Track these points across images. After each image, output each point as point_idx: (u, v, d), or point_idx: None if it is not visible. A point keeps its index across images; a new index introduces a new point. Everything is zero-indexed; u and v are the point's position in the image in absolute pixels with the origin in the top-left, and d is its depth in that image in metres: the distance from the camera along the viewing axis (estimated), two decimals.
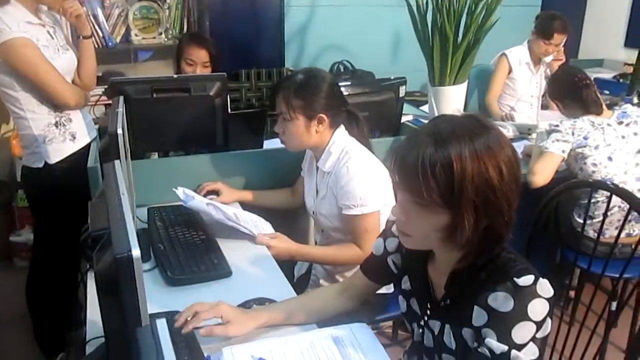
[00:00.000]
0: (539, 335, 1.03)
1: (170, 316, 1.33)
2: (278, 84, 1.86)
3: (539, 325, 1.02)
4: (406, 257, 1.30)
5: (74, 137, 2.27)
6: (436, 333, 1.18)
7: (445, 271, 1.15)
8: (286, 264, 1.82)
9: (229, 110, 2.34)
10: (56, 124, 2.22)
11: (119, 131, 1.39)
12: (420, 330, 1.23)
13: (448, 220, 1.02)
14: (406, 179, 1.04)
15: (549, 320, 1.04)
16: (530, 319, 1.00)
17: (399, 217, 1.10)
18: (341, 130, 1.87)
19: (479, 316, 1.05)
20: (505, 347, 1.01)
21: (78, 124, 2.30)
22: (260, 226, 1.86)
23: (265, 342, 1.27)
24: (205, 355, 1.23)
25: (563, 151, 2.36)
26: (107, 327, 0.83)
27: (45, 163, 2.21)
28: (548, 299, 1.02)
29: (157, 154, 2.23)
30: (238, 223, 1.79)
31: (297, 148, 1.88)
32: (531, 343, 1.02)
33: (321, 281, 1.97)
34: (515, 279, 1.02)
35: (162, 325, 1.04)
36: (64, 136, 2.24)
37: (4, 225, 3.37)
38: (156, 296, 1.48)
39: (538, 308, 1.01)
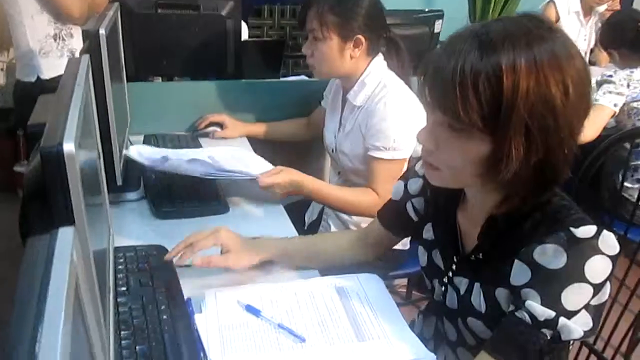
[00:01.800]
0: (594, 302, 0.81)
1: (151, 250, 1.15)
2: None
3: (597, 289, 0.80)
4: (431, 201, 1.08)
5: (73, 55, 2.08)
6: (462, 292, 0.97)
7: (480, 218, 0.93)
8: (297, 209, 1.62)
9: (243, 36, 2.10)
10: (55, 37, 2.03)
11: (102, 31, 1.17)
12: (443, 288, 1.02)
13: (490, 149, 0.80)
14: (439, 95, 0.81)
15: (608, 284, 0.82)
16: (586, 280, 0.79)
17: (427, 145, 0.87)
18: (379, 60, 1.62)
19: (519, 273, 0.84)
20: (552, 313, 0.79)
21: (79, 42, 2.10)
22: (258, 165, 1.52)
23: (256, 287, 1.07)
24: (186, 297, 1.04)
25: (615, 104, 2.09)
26: None
27: (38, 78, 2.03)
28: (611, 257, 0.80)
29: (160, 78, 2.02)
30: (225, 170, 1.38)
31: (327, 75, 1.64)
32: (584, 311, 0.81)
33: (332, 229, 1.77)
34: (572, 229, 0.80)
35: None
36: (61, 52, 2.05)
37: (8, 154, 3.23)
38: (141, 229, 1.31)
39: (598, 267, 0.79)
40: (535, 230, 0.84)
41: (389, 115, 1.53)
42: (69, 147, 0.57)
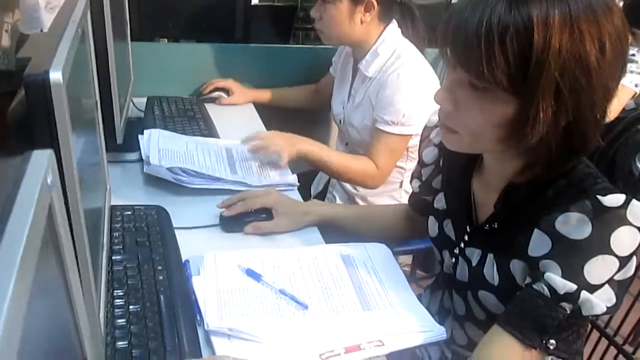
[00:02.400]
0: (618, 277, 0.76)
1: (150, 210, 1.10)
2: None
3: (623, 262, 0.74)
4: (444, 169, 1.02)
5: None
6: (474, 264, 0.91)
7: (497, 186, 0.87)
8: (303, 181, 1.56)
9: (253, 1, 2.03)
10: None
11: None
12: (453, 259, 0.97)
13: (515, 111, 0.73)
14: (461, 50, 0.74)
15: (634, 258, 0.76)
16: (612, 252, 0.73)
17: (445, 106, 0.80)
18: (393, 27, 1.54)
19: (539, 243, 0.78)
20: (573, 286, 0.74)
21: None
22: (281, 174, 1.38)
23: (258, 252, 1.02)
24: (184, 259, 0.99)
25: (636, 85, 2.01)
26: None
27: (41, 32, 1.96)
28: None
29: (166, 40, 1.96)
30: (226, 179, 1.27)
31: (336, 40, 1.57)
32: (607, 285, 0.75)
33: (337, 201, 1.71)
34: (598, 196, 0.74)
35: None
36: None
37: None
38: (141, 189, 1.26)
39: (625, 239, 0.73)
40: (557, 198, 0.78)
41: (401, 87, 1.46)
42: (56, 75, 0.51)
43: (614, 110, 2.13)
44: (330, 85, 1.77)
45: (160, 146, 1.33)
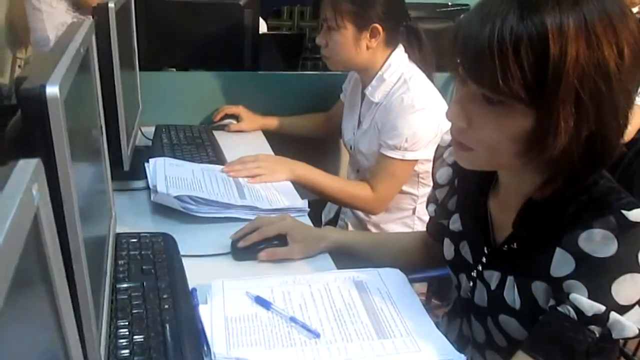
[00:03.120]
0: None
1: (156, 237, 1.08)
2: None
3: None
4: (459, 190, 0.99)
5: None
6: (493, 287, 0.87)
7: (515, 204, 0.83)
8: (313, 208, 1.54)
9: (261, 28, 2.04)
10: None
11: (111, 5, 1.11)
12: (471, 283, 0.93)
13: (534, 123, 0.70)
14: (472, 64, 0.71)
15: None
16: None
17: (458, 122, 0.77)
18: (400, 52, 1.53)
19: (562, 263, 0.74)
20: (602, 307, 0.70)
21: None
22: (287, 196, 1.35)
23: (268, 278, 0.99)
24: (191, 287, 0.96)
25: None
26: None
27: None
28: None
29: (174, 69, 1.96)
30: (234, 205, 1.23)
31: (342, 66, 1.56)
32: (637, 306, 0.71)
33: (350, 228, 1.68)
34: (623, 211, 0.70)
35: None
36: None
37: None
38: (148, 217, 1.24)
39: None
40: (579, 215, 0.75)
41: (404, 112, 1.43)
42: (52, 89, 0.49)
43: (632, 131, 2.10)
44: (341, 112, 1.75)
45: (167, 174, 1.31)
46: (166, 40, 1.82)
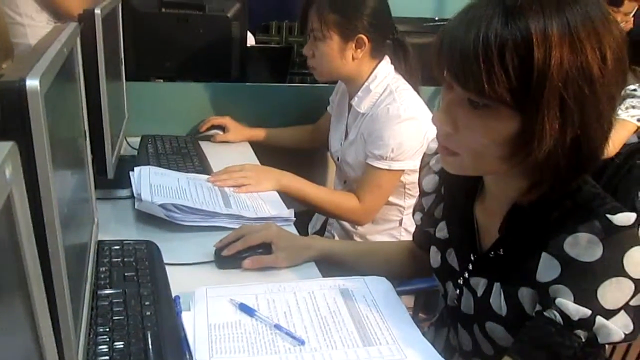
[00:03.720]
0: (634, 303, 0.71)
1: (139, 245, 1.06)
2: None
3: (638, 286, 0.70)
4: (445, 197, 0.99)
5: None
6: (479, 294, 0.87)
7: (501, 210, 0.83)
8: (299, 219, 1.53)
9: (248, 41, 2.04)
10: None
11: (97, 11, 1.11)
12: (457, 290, 0.92)
13: (519, 127, 0.71)
14: (458, 69, 0.71)
15: None
16: (626, 274, 0.69)
17: (444, 127, 0.77)
18: (386, 64, 1.54)
19: (547, 268, 0.74)
20: (587, 312, 0.69)
21: None
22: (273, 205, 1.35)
23: (252, 286, 0.97)
24: (174, 295, 0.94)
25: (639, 120, 1.99)
26: None
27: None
28: None
29: (162, 80, 1.95)
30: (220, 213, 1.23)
31: (328, 76, 1.57)
32: (623, 311, 0.70)
33: (336, 239, 1.67)
34: (608, 215, 0.70)
35: None
36: None
37: None
38: (132, 225, 1.22)
39: (639, 260, 0.69)
40: (564, 220, 0.75)
41: (390, 122, 1.44)
42: (33, 82, 0.49)
43: (616, 147, 2.11)
44: (328, 124, 1.75)
45: (152, 182, 1.29)
46: (153, 51, 1.82)
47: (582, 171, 0.74)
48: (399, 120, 1.43)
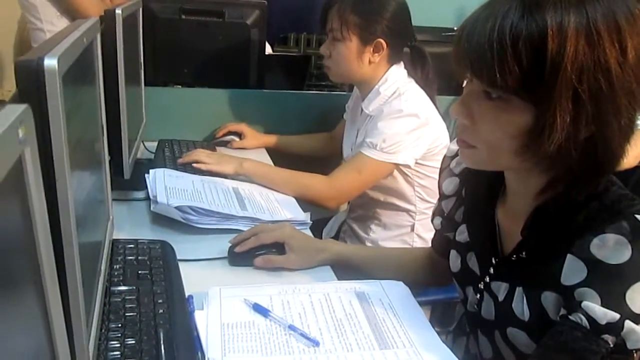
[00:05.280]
0: None
1: (154, 244, 1.05)
2: None
3: None
4: (466, 199, 0.96)
5: None
6: (501, 299, 0.84)
7: (523, 211, 0.81)
8: (314, 226, 1.51)
9: (267, 49, 2.04)
10: None
11: (118, 11, 1.11)
12: (478, 295, 0.89)
13: (532, 119, 0.69)
14: (473, 59, 0.71)
15: None
16: None
17: (461, 119, 0.77)
18: (399, 68, 1.53)
19: (573, 271, 0.71)
20: (616, 315, 0.66)
21: None
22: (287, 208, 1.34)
23: (267, 287, 0.96)
24: (187, 294, 0.93)
25: None
26: None
27: None
28: None
29: (180, 86, 1.96)
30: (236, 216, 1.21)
31: (343, 78, 1.56)
32: None
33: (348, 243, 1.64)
34: (637, 216, 0.68)
35: None
36: None
37: None
38: (139, 227, 1.21)
39: None
40: (591, 221, 0.72)
41: (389, 115, 1.43)
42: (51, 62, 0.48)
43: (637, 156, 2.06)
44: (343, 131, 1.74)
45: (167, 184, 1.29)
46: (172, 57, 1.83)
47: (601, 171, 0.72)
48: (399, 115, 1.42)
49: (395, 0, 1.48)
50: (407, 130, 1.41)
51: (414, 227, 1.57)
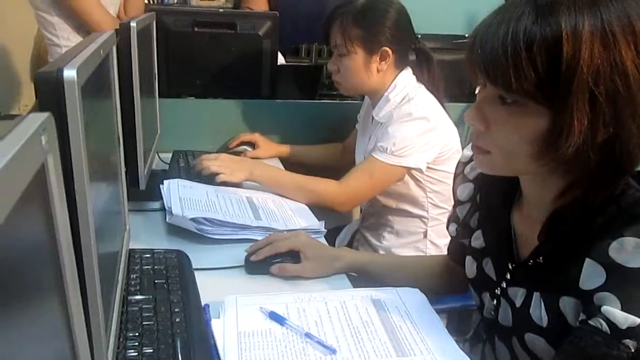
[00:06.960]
0: None
1: (170, 254, 1.06)
2: (333, 10, 1.55)
3: None
4: (481, 205, 0.96)
5: None
6: (518, 305, 0.83)
7: (539, 215, 0.80)
8: (328, 234, 1.51)
9: (279, 62, 2.06)
10: None
11: (133, 24, 1.13)
12: (495, 301, 0.89)
13: (548, 123, 0.69)
14: (487, 64, 0.71)
15: None
16: None
17: (476, 125, 0.76)
18: (407, 73, 1.53)
19: (592, 275, 0.70)
20: (637, 320, 0.65)
21: None
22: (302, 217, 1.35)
23: (282, 295, 0.96)
24: (204, 303, 0.93)
25: None
26: None
27: None
28: None
29: (193, 97, 1.97)
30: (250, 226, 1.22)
31: (354, 91, 1.57)
32: None
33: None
34: None
35: None
36: None
37: None
38: (155, 237, 1.22)
39: None
40: (609, 225, 0.71)
41: (400, 119, 1.43)
42: (70, 73, 0.49)
43: None
44: (355, 141, 1.75)
45: (181, 195, 1.30)
46: (186, 69, 1.84)
47: (619, 173, 0.71)
48: (409, 118, 1.42)
49: (394, 7, 1.49)
50: (418, 133, 1.41)
51: (426, 234, 1.56)
